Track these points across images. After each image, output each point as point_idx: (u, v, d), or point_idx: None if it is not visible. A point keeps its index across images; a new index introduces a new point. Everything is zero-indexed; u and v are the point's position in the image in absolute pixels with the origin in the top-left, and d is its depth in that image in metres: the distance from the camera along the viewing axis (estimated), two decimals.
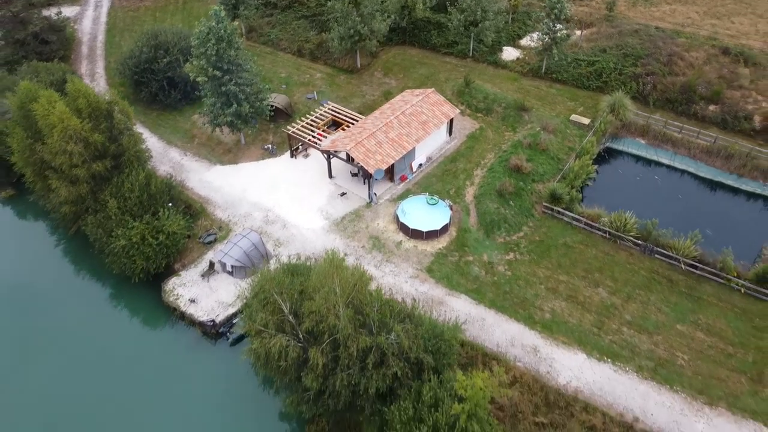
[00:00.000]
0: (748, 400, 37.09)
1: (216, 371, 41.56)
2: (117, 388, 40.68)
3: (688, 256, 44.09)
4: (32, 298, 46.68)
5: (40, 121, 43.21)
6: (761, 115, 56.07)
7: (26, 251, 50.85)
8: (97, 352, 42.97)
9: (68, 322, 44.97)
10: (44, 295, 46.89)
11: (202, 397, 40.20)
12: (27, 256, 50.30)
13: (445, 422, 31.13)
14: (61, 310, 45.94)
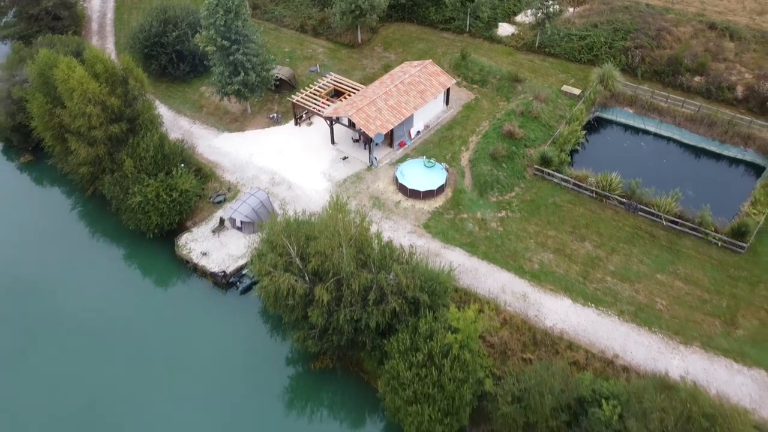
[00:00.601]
0: (721, 340, 40.05)
1: (227, 318, 44.60)
2: (135, 334, 43.76)
3: (669, 212, 46.96)
4: (53, 254, 49.70)
5: (60, 85, 45.96)
6: (744, 86, 58.77)
7: (46, 212, 53.92)
8: (116, 303, 46.04)
9: (88, 275, 48.05)
10: (64, 252, 49.97)
11: (214, 341, 43.18)
12: (47, 216, 53.38)
13: (439, 350, 34.13)
14: (80, 264, 49.02)
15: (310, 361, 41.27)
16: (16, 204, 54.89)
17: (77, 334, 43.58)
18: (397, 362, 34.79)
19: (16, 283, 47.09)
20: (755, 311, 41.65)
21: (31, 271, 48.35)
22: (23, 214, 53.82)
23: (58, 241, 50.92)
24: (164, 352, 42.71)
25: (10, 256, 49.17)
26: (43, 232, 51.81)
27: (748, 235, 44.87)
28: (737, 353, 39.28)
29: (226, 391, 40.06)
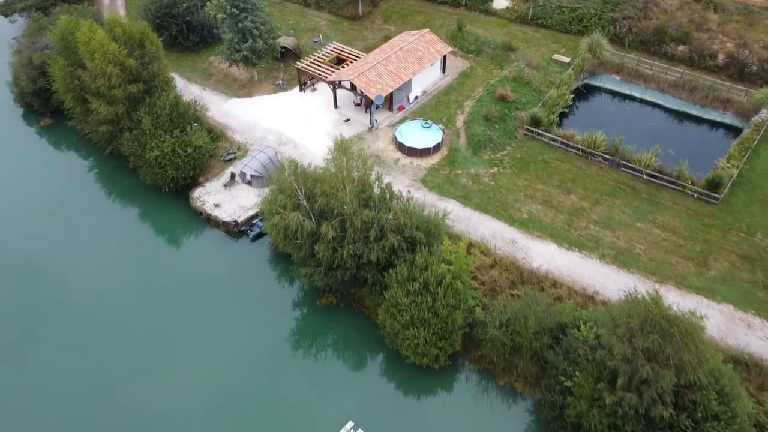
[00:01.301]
0: (693, 280, 43.63)
1: (238, 263, 48.21)
2: (154, 279, 47.33)
3: (649, 167, 50.47)
4: (75, 209, 53.27)
5: (81, 48, 49.24)
6: (725, 54, 62.06)
7: (67, 171, 57.46)
8: (135, 251, 49.71)
9: (109, 227, 51.73)
10: (86, 206, 53.58)
11: (227, 283, 46.77)
12: (68, 175, 56.92)
13: (433, 280, 37.75)
14: (101, 217, 52.65)
15: (316, 299, 44.94)
16: (38, 164, 58.35)
17: (103, 279, 47.08)
18: (396, 291, 38.43)
19: (42, 235, 50.49)
20: (726, 255, 45.22)
21: (55, 224, 51.77)
22: (45, 173, 57.29)
23: (79, 197, 54.48)
24: (181, 293, 46.19)
25: (35, 212, 52.56)
26: (64, 189, 55.34)
27: (722, 187, 48.36)
28: (708, 290, 42.87)
29: (239, 326, 43.64)
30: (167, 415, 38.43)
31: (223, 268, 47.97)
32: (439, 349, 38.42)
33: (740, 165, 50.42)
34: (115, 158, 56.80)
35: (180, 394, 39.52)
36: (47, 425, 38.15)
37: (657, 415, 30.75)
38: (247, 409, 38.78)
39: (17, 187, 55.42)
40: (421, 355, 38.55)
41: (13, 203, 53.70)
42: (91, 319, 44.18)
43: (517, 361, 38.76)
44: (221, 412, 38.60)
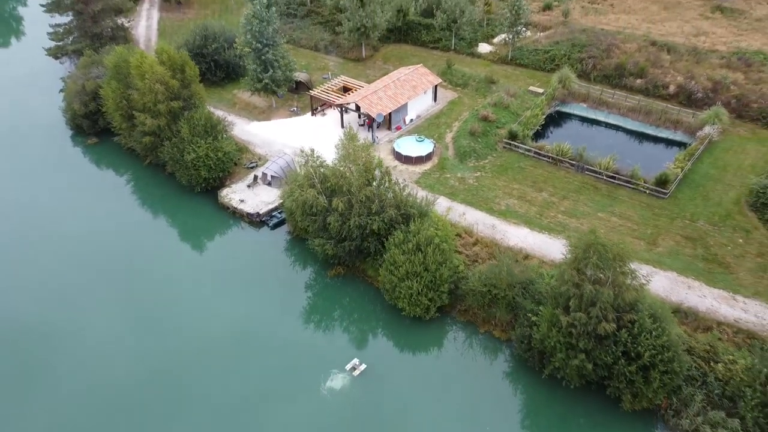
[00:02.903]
0: (644, 254, 51.88)
1: (260, 246, 56.81)
2: (192, 261, 55.97)
3: (608, 169, 59.76)
4: (121, 210, 62.06)
5: (134, 70, 59.54)
6: (675, 85, 72.65)
7: (112, 179, 66.91)
8: (173, 240, 58.54)
9: (149, 222, 60.77)
10: (130, 206, 62.65)
11: (251, 263, 55.04)
12: (113, 182, 66.34)
13: (424, 241, 46.24)
14: (143, 215, 61.65)
15: (326, 271, 53.19)
16: (86, 175, 67.74)
17: (148, 263, 55.27)
18: (394, 251, 46.85)
19: (93, 233, 58.61)
20: (672, 236, 53.79)
21: (105, 224, 59.94)
22: (93, 182, 66.60)
23: (123, 200, 63.56)
24: (211, 274, 54.33)
25: (86, 214, 60.90)
26: (110, 194, 64.35)
27: (668, 183, 57.49)
28: (656, 262, 51.15)
29: (262, 294, 51.59)
30: (215, 349, 46.36)
31: (247, 250, 56.56)
32: (430, 300, 46.46)
33: (684, 167, 59.72)
34: (152, 168, 66.28)
35: (217, 339, 47.24)
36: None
37: (602, 331, 38.56)
38: (271, 351, 46.42)
39: (71, 192, 64.27)
40: (415, 305, 46.53)
41: (67, 208, 62.06)
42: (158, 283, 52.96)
43: (495, 311, 46.70)
44: (252, 352, 46.24)
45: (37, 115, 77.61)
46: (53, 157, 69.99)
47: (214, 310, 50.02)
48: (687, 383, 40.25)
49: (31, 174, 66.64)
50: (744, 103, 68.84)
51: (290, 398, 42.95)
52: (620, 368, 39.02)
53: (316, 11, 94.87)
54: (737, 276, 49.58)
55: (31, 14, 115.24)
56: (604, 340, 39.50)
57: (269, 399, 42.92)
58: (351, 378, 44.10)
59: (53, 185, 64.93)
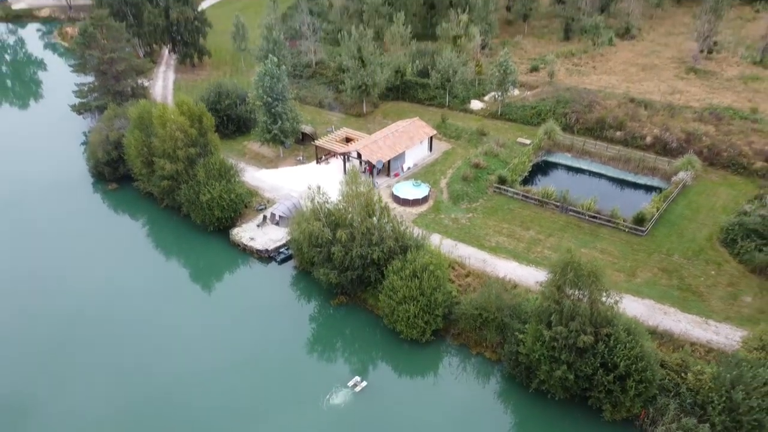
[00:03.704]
0: (624, 285, 56.12)
1: (269, 280, 61.17)
2: (206, 293, 60.38)
3: (590, 209, 64.84)
4: (138, 248, 66.81)
5: (156, 120, 65.53)
6: (652, 136, 78.79)
7: (129, 220, 71.89)
8: (188, 275, 63.00)
9: (166, 258, 65.31)
10: (148, 245, 67.43)
11: (260, 294, 59.29)
12: (131, 223, 71.35)
13: (420, 268, 50.72)
14: (159, 252, 66.24)
15: (330, 300, 57.34)
16: (106, 217, 72.86)
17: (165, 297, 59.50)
18: (392, 278, 51.23)
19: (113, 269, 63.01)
20: (649, 269, 58.29)
21: (123, 261, 64.42)
22: (112, 223, 71.63)
23: (141, 239, 68.43)
24: (223, 305, 58.49)
25: (105, 255, 65.24)
26: (129, 234, 69.30)
27: (645, 222, 62.44)
28: (635, 291, 55.44)
29: (271, 323, 55.53)
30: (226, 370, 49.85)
31: (257, 283, 60.96)
32: (425, 323, 50.51)
33: (660, 207, 64.84)
34: (168, 210, 71.43)
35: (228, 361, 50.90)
36: None
37: (581, 343, 42.55)
38: (278, 372, 50.05)
39: (91, 232, 68.97)
40: (412, 327, 50.54)
41: (87, 249, 66.45)
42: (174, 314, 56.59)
43: (485, 334, 50.61)
44: (260, 372, 49.85)
45: (60, 165, 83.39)
46: (75, 202, 75.10)
47: (226, 336, 53.94)
48: (662, 394, 43.83)
49: (53, 217, 71.46)
50: (715, 152, 74.72)
51: (296, 412, 46.36)
52: (599, 378, 42.78)
53: (320, 72, 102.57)
54: (709, 303, 53.79)
55: (50, 77, 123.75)
56: (584, 353, 43.40)
57: (275, 413, 46.32)
58: (353, 393, 47.62)
59: (74, 227, 69.68)
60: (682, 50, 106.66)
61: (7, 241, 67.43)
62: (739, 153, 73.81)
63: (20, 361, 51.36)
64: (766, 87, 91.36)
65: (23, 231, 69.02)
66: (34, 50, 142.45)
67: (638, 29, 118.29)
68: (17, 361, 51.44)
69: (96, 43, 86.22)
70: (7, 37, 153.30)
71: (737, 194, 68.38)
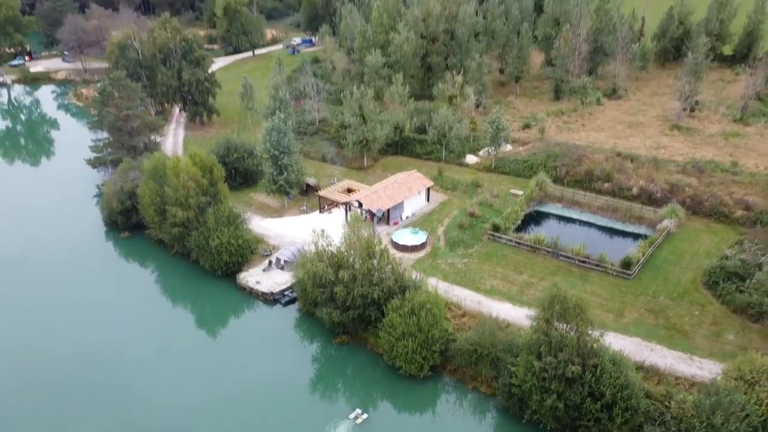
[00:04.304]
0: (612, 324, 58.97)
1: (274, 321, 64.01)
2: (214, 334, 63.19)
3: (579, 254, 68.32)
4: (151, 292, 70.01)
5: (170, 171, 69.88)
6: (638, 187, 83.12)
7: (142, 265, 75.21)
8: (197, 317, 65.93)
9: (177, 301, 68.41)
10: (159, 289, 70.59)
11: (266, 335, 62.08)
12: (144, 268, 74.69)
13: (418, 305, 53.78)
14: (172, 296, 69.40)
15: (332, 339, 60.03)
16: (119, 264, 76.29)
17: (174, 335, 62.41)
18: (392, 315, 54.20)
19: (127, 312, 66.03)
20: (636, 309, 61.28)
21: (138, 304, 67.58)
22: (124, 269, 74.99)
23: (152, 283, 71.69)
24: (230, 344, 61.27)
25: (118, 297, 68.55)
26: (140, 278, 72.58)
27: (632, 265, 65.81)
28: (623, 330, 58.27)
29: (276, 361, 58.14)
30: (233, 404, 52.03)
31: (263, 324, 63.86)
32: (423, 359, 53.16)
33: (646, 252, 68.33)
34: (178, 256, 74.91)
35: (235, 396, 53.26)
36: None
37: (570, 373, 45.22)
38: (283, 405, 52.42)
39: (104, 280, 72.15)
40: (410, 363, 53.16)
41: (100, 294, 69.48)
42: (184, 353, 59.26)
43: (480, 369, 53.16)
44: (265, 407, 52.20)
45: (74, 216, 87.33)
46: (88, 250, 78.56)
47: (232, 374, 56.44)
48: (648, 422, 46.08)
49: (67, 265, 74.82)
50: (698, 202, 78.82)
51: None
52: (587, 407, 45.23)
53: (323, 129, 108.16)
54: (694, 341, 56.58)
55: (66, 135, 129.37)
56: (573, 383, 45.99)
57: None
58: (354, 425, 49.81)
59: (87, 274, 72.96)
60: (666, 109, 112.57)
61: (20, 288, 70.42)
62: (720, 203, 77.89)
63: (33, 405, 53.42)
64: (745, 142, 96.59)
65: (37, 279, 72.12)
66: (48, 110, 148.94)
67: (625, 90, 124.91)
68: (30, 405, 53.44)
69: (113, 101, 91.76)
70: (24, 98, 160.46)
71: (719, 240, 71.99)
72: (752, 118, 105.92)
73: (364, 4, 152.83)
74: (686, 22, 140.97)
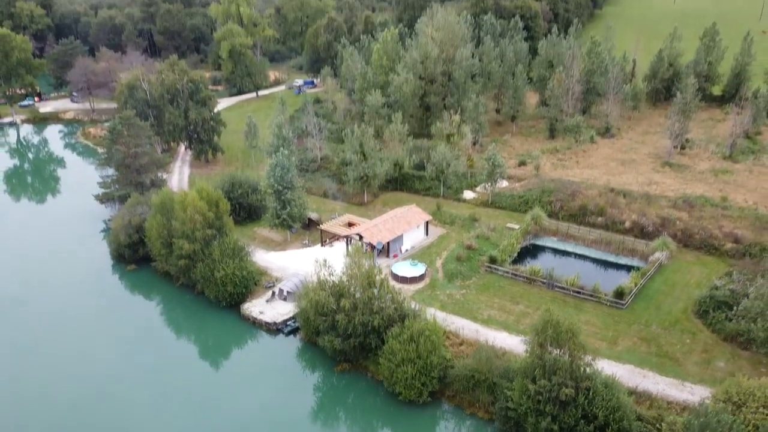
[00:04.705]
0: (606, 352, 60.77)
1: (277, 350, 65.62)
2: (217, 361, 64.86)
3: (574, 285, 70.39)
4: (158, 322, 71.82)
5: (177, 205, 72.50)
6: (630, 221, 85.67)
7: (148, 297, 77.15)
8: (202, 347, 67.61)
9: (185, 331, 70.16)
10: (166, 320, 72.37)
11: (268, 365, 63.67)
12: (150, 300, 76.57)
13: (417, 333, 55.63)
14: (177, 327, 71.13)
15: (334, 367, 61.61)
16: (126, 295, 78.26)
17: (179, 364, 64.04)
18: (392, 342, 56.00)
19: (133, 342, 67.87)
20: (630, 338, 63.05)
21: (144, 335, 69.24)
22: (130, 301, 76.91)
23: (158, 315, 73.52)
24: (234, 373, 62.83)
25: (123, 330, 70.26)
26: (146, 310, 74.46)
27: (625, 295, 67.84)
28: (616, 357, 59.97)
29: (279, 390, 59.67)
30: None
31: (266, 353, 65.45)
32: (422, 385, 54.75)
33: (638, 282, 70.43)
34: (183, 288, 76.92)
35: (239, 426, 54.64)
36: None
37: (563, 396, 46.87)
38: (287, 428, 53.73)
39: (110, 312, 74.02)
40: (409, 388, 54.70)
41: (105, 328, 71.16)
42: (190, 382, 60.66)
43: (478, 394, 54.71)
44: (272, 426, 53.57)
45: (81, 250, 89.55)
46: (95, 282, 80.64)
47: (236, 401, 57.90)
48: None
49: (73, 297, 76.73)
50: (688, 235, 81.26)
51: None
52: (581, 429, 46.72)
53: (325, 166, 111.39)
54: (685, 368, 58.24)
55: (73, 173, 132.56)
56: (567, 406, 47.58)
57: None
58: None
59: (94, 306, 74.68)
60: (657, 147, 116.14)
61: (27, 323, 71.90)
62: (710, 236, 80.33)
63: None
64: (735, 179, 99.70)
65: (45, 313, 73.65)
66: (56, 149, 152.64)
67: (617, 129, 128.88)
68: None
69: (122, 139, 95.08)
70: (32, 137, 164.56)
71: (709, 272, 74.16)
72: (741, 156, 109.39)
73: (365, 47, 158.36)
74: (676, 64, 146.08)
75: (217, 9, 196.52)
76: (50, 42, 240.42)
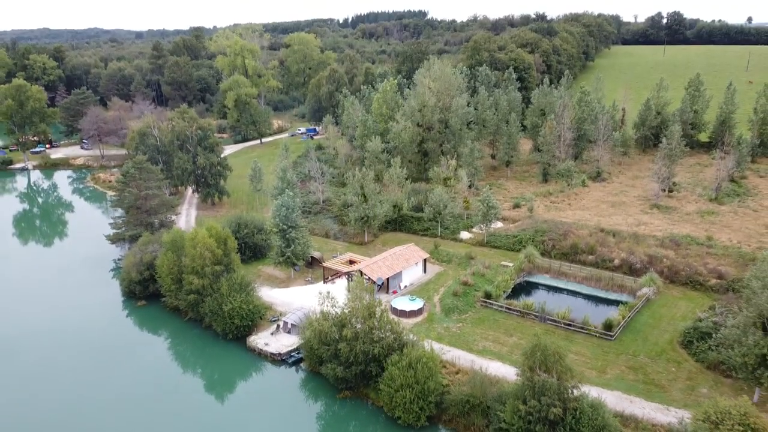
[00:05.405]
0: (595, 380, 63.85)
1: (281, 380, 68.58)
2: (226, 390, 67.79)
3: (565, 318, 73.83)
4: (167, 355, 74.93)
5: (188, 242, 76.62)
6: (619, 259, 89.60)
7: (158, 332, 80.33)
8: (209, 378, 70.50)
9: (191, 364, 73.15)
10: (174, 352, 75.44)
11: (273, 395, 66.60)
12: (159, 334, 79.69)
13: (415, 359, 58.91)
14: (185, 359, 74.19)
15: (336, 395, 64.54)
16: (136, 330, 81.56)
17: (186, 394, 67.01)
18: (391, 369, 59.21)
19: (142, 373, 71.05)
20: (618, 367, 66.19)
21: (155, 367, 72.44)
22: (142, 335, 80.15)
23: (167, 349, 76.63)
24: (240, 402, 65.71)
25: (136, 359, 73.60)
26: (158, 343, 77.68)
27: (613, 327, 71.22)
28: (605, 385, 62.98)
29: (284, 419, 62.42)
30: None
31: (271, 383, 68.42)
32: (420, 409, 57.70)
33: (626, 315, 73.90)
34: (191, 323, 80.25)
35: None
36: None
37: (552, 416, 49.95)
38: None
39: (123, 345, 77.27)
40: (408, 412, 57.62)
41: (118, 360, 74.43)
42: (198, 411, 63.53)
43: (473, 419, 57.58)
44: None
45: (93, 288, 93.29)
46: (106, 318, 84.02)
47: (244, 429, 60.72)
48: None
49: (85, 333, 79.97)
50: (675, 271, 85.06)
51: None
52: None
53: (327, 209, 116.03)
54: (671, 394, 61.23)
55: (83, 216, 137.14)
56: (555, 425, 50.58)
57: None
58: None
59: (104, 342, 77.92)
60: (646, 190, 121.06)
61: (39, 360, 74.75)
62: (695, 272, 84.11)
63: None
64: (720, 219, 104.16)
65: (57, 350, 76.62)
66: (66, 194, 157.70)
67: (608, 173, 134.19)
68: None
69: (134, 182, 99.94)
70: (43, 182, 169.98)
71: (695, 306, 77.69)
72: (726, 198, 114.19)
73: (365, 96, 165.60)
74: (663, 113, 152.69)
75: (224, 61, 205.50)
76: (61, 92, 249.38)
